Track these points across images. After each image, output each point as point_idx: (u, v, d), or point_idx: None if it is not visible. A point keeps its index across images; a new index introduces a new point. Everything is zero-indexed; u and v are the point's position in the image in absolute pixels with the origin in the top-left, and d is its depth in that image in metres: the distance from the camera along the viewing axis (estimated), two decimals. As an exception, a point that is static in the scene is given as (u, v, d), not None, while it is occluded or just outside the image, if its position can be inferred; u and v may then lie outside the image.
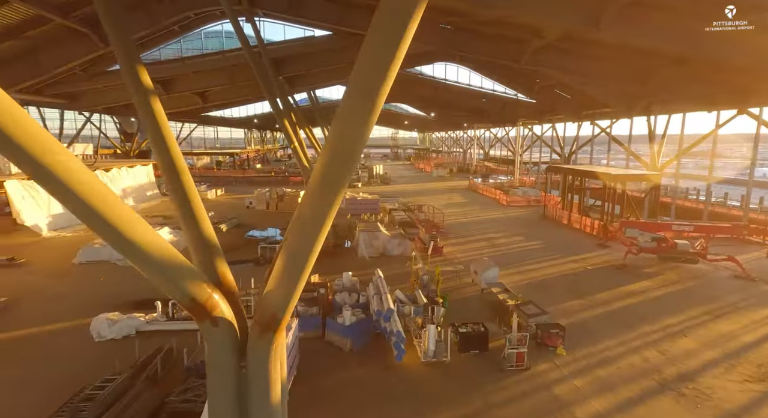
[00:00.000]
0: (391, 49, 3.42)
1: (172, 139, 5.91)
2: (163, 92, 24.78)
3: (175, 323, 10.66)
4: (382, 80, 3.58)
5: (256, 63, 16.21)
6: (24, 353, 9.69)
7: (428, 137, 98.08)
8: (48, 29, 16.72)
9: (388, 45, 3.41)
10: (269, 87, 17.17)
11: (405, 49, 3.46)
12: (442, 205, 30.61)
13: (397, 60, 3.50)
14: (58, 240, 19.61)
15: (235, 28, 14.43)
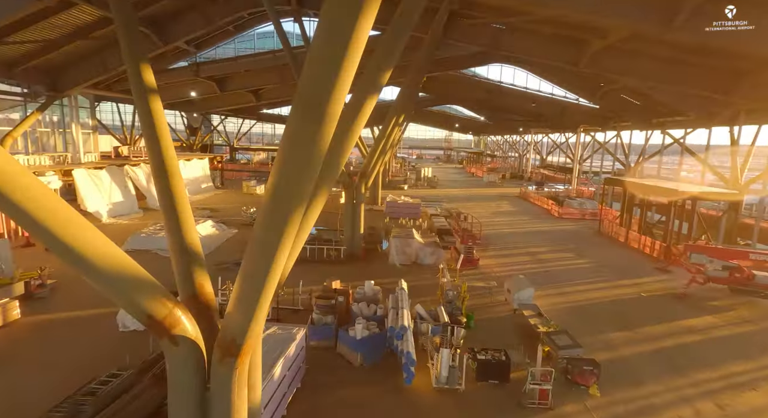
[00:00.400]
0: (336, 61, 2.91)
1: (167, 141, 5.77)
2: (218, 90, 25.88)
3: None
4: (329, 99, 3.08)
5: (298, 63, 16.24)
6: (53, 336, 10.27)
7: (483, 140, 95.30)
8: (112, 30, 17.83)
9: (334, 57, 2.91)
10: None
11: (355, 63, 2.94)
12: (488, 213, 29.35)
13: (346, 75, 2.98)
14: (115, 226, 21.03)
15: (276, 29, 14.50)
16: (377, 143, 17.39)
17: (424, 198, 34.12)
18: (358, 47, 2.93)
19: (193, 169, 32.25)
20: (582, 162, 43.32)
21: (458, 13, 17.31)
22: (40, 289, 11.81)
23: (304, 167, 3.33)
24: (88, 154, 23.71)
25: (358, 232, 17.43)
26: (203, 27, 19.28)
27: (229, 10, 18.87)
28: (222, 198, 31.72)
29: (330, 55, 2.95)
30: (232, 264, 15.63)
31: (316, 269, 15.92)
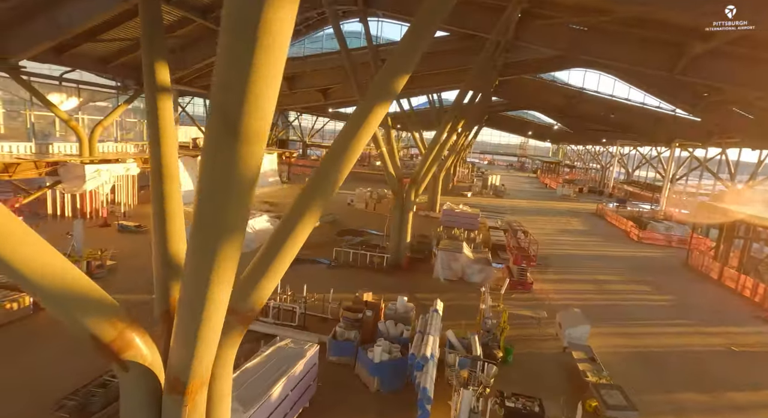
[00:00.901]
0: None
1: (170, 143, 5.52)
2: (287, 89, 26.62)
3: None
4: (244, 117, 2.49)
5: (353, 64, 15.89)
6: None
7: (562, 149, 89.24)
8: (192, 29, 18.95)
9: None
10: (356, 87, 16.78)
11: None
12: (554, 230, 26.98)
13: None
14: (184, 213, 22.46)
15: (335, 29, 14.23)
16: (431, 148, 16.50)
17: (485, 208, 32.42)
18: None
19: (268, 162, 33.72)
20: (675, 180, 38.35)
21: (530, 12, 15.83)
22: (99, 269, 12.70)
23: (227, 190, 2.77)
24: (168, 145, 25.65)
25: (405, 240, 16.71)
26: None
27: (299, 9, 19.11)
28: (285, 193, 32.77)
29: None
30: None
31: (356, 275, 15.50)
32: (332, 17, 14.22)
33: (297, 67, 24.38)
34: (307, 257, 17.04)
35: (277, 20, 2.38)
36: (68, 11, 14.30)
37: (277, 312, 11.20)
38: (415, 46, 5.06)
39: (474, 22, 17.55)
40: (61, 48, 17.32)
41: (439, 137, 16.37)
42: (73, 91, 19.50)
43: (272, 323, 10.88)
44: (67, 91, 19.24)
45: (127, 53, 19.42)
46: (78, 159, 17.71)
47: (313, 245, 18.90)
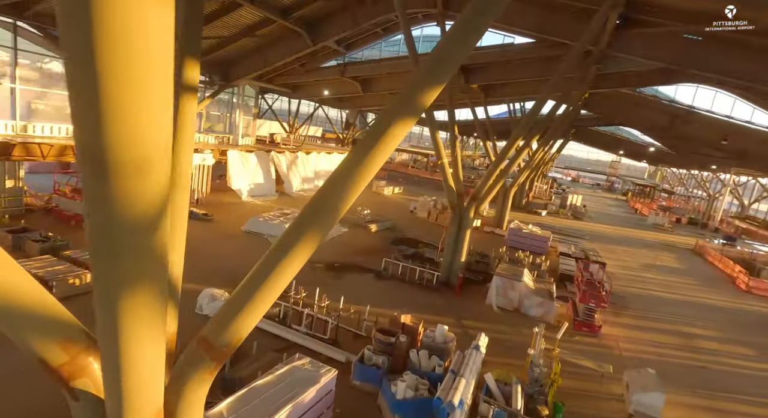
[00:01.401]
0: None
1: (186, 147, 5.19)
2: (361, 91, 26.61)
3: (281, 329, 10.50)
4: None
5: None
6: None
7: (661, 172, 80.00)
8: (273, 29, 19.52)
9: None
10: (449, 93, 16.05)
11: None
12: (638, 265, 23.81)
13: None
14: (250, 205, 23.41)
15: (405, 34, 13.59)
16: (497, 162, 15.15)
17: (560, 231, 29.74)
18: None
19: (332, 162, 34.28)
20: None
21: (630, 18, 13.80)
22: (158, 254, 13.34)
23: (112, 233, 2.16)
24: (246, 138, 26.99)
25: (459, 259, 15.56)
26: (351, 28, 19.68)
27: (375, 12, 18.82)
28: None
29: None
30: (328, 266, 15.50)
31: (402, 290, 14.70)
32: (404, 23, 13.58)
33: (371, 69, 24.23)
34: (357, 263, 16.65)
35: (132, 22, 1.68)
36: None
37: (310, 322, 10.82)
38: (453, 53, 4.17)
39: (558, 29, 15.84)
40: (158, 44, 18.78)
41: (508, 150, 14.98)
42: (166, 84, 21.24)
43: (304, 332, 10.51)
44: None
45: (214, 50, 20.61)
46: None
47: (366, 251, 18.52)
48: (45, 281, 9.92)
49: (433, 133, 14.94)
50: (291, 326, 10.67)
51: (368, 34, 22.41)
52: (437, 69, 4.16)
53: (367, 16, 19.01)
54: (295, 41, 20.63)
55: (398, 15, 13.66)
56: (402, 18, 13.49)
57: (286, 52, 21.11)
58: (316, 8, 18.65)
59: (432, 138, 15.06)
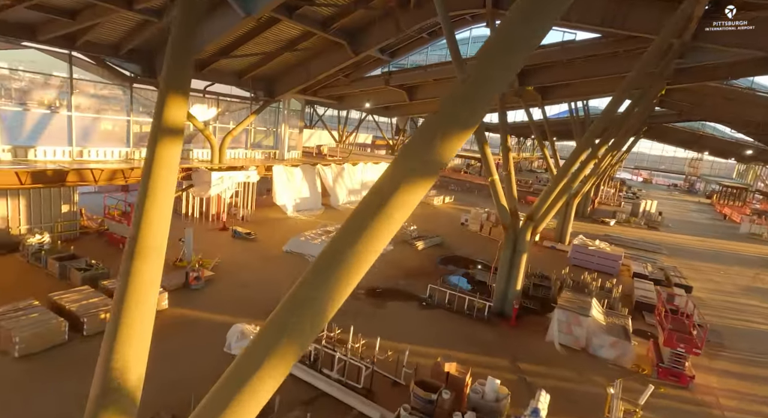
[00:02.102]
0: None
1: (168, 162, 4.26)
2: (407, 99, 25.44)
3: (311, 374, 9.53)
4: None
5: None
6: (171, 340, 10.33)
7: (754, 170, 70.53)
8: (314, 41, 18.96)
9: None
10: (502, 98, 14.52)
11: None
12: (733, 288, 20.35)
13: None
14: (295, 221, 23.07)
15: (448, 39, 12.25)
16: (561, 175, 13.24)
17: (632, 244, 26.52)
18: None
19: (379, 172, 33.44)
20: None
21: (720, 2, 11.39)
22: (197, 281, 13.07)
23: None
24: (293, 151, 26.85)
25: (514, 287, 13.83)
26: (394, 35, 18.60)
27: (418, 17, 17.59)
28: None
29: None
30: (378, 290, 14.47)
31: (449, 322, 13.23)
32: (446, 26, 12.24)
33: (417, 77, 22.97)
34: (400, 288, 15.45)
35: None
36: (200, 33, 15.24)
37: (342, 367, 9.78)
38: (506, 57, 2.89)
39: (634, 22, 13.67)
40: (202, 65, 18.94)
41: (571, 164, 13.04)
42: (213, 102, 21.46)
43: (336, 379, 9.49)
44: (208, 102, 21.25)
45: (257, 67, 20.49)
46: (208, 165, 19.25)
47: (411, 272, 17.28)
48: (77, 316, 9.78)
49: (481, 146, 13.38)
50: (322, 371, 9.70)
51: (413, 41, 21.20)
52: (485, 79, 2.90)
53: (410, 22, 17.84)
54: (337, 53, 19.95)
55: (440, 18, 12.34)
56: (444, 21, 12.16)
57: (328, 64, 20.50)
58: (356, 17, 17.80)
59: (481, 153, 13.52)
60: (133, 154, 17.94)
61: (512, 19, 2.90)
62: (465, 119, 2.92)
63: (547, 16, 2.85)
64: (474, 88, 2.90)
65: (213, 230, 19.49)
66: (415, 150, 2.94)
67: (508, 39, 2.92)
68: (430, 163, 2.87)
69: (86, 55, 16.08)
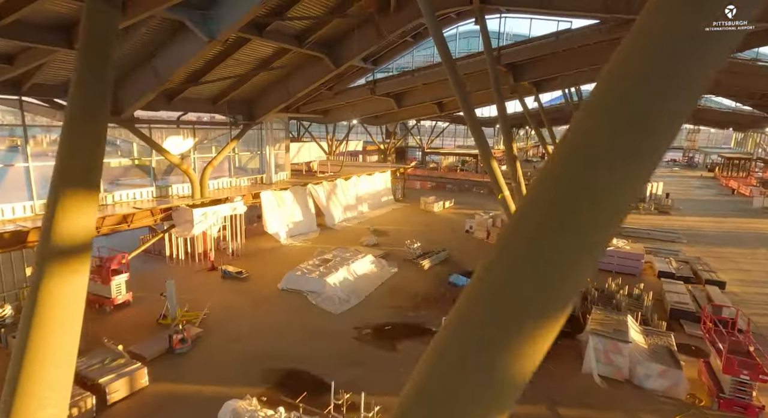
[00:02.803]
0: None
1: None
2: (396, 106, 23.97)
3: None
4: None
5: (459, 81, 12.17)
6: None
7: (753, 138, 69.27)
8: (291, 58, 17.49)
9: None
10: (498, 91, 13.13)
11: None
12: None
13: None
14: (290, 249, 21.54)
15: (436, 41, 10.81)
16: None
17: (646, 234, 25.12)
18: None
19: (375, 183, 31.96)
20: None
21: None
22: (181, 344, 11.55)
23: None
24: (281, 173, 25.34)
25: (539, 312, 12.34)
26: (376, 42, 17.13)
27: (400, 21, 16.14)
28: (396, 216, 30.28)
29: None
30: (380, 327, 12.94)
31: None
32: (433, 28, 10.81)
33: (404, 83, 21.49)
34: (411, 321, 13.98)
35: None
36: (163, 61, 13.76)
37: (355, 445, 8.29)
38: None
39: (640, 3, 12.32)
40: (171, 94, 17.44)
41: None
42: (189, 132, 19.93)
43: (349, 461, 8.00)
44: (183, 132, 19.71)
45: (232, 90, 18.99)
46: (189, 201, 17.73)
47: (420, 299, 15.83)
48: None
49: (487, 160, 11.91)
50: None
51: (396, 45, 19.77)
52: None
53: (392, 27, 16.38)
54: (316, 67, 18.49)
55: (426, 19, 10.89)
56: (430, 22, 10.72)
57: (308, 79, 19.02)
58: (334, 28, 16.35)
59: (488, 169, 12.05)
60: (104, 200, 16.42)
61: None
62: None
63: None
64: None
65: (201, 271, 17.97)
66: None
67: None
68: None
69: (37, 99, 14.55)
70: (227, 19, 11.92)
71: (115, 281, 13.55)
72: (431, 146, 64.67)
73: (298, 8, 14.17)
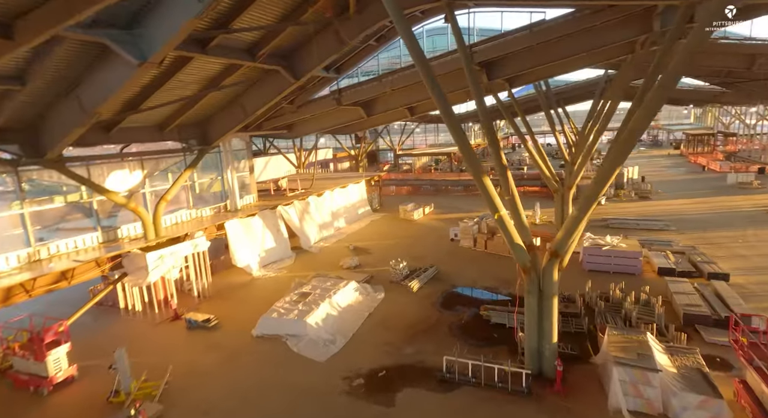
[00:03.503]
0: None
1: None
2: (365, 115, 22.32)
3: None
4: None
5: (434, 83, 10.65)
6: None
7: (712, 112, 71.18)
8: (244, 73, 15.60)
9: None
10: (478, 92, 11.66)
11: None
12: (767, 261, 18.17)
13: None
14: (264, 282, 19.55)
15: (407, 40, 9.27)
16: (581, 212, 10.44)
17: (637, 226, 24.44)
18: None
19: (349, 196, 30.21)
20: None
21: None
22: (134, 431, 9.53)
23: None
24: (246, 197, 23.27)
25: (549, 340, 11.01)
26: (337, 50, 15.44)
27: (362, 24, 14.53)
28: (376, 229, 28.64)
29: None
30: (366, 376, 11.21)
31: (480, 410, 10.15)
32: (402, 29, 9.25)
33: (372, 90, 19.87)
34: (408, 362, 12.36)
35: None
36: (89, 91, 11.64)
37: None
38: None
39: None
40: (107, 126, 15.24)
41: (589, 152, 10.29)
42: (136, 164, 17.65)
43: None
44: (129, 165, 17.44)
45: (180, 114, 16.90)
46: (143, 243, 15.55)
47: (415, 329, 14.29)
48: None
49: (479, 177, 10.41)
50: None
51: (360, 50, 18.14)
52: None
53: (353, 32, 14.75)
54: (274, 81, 16.66)
55: (393, 20, 9.31)
56: (399, 22, 9.15)
57: (266, 95, 17.14)
58: (289, 37, 14.55)
59: (480, 187, 10.56)
60: (38, 254, 14.06)
61: None
62: None
63: None
64: None
65: (162, 322, 15.79)
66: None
67: None
68: None
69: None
70: (159, 38, 9.99)
71: (51, 355, 11.31)
72: (403, 147, 63.35)
73: (245, 18, 12.32)
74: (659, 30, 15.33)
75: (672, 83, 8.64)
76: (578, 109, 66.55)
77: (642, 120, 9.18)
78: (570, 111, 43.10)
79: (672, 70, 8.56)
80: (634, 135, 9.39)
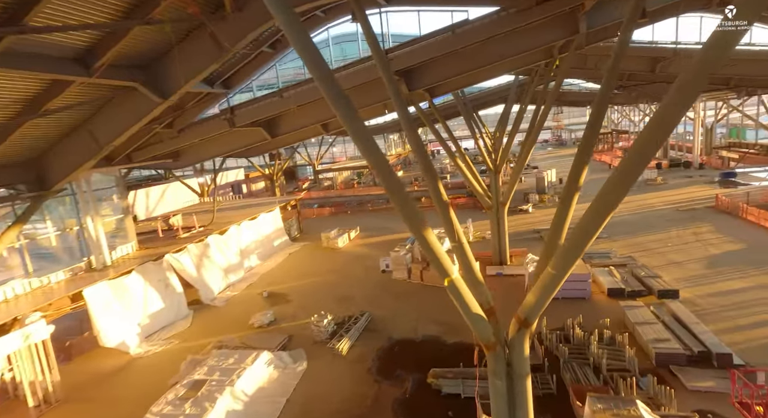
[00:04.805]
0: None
1: None
2: (269, 136, 18.54)
3: None
4: None
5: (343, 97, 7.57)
6: None
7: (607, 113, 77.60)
8: (82, 92, 11.16)
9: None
10: (399, 102, 8.78)
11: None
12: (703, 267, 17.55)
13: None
14: (145, 364, 14.82)
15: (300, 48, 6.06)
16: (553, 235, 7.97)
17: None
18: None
19: (261, 227, 25.97)
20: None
21: None
22: None
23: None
24: (121, 247, 18.19)
25: (526, 431, 8.36)
26: (217, 58, 11.59)
27: (246, 26, 10.92)
28: (295, 263, 24.78)
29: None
30: None
31: None
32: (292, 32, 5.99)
33: (270, 107, 16.20)
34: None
35: None
36: None
37: None
38: None
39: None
40: None
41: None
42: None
43: None
44: None
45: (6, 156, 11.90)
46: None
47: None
48: None
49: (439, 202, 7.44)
50: None
51: (252, 58, 14.51)
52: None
53: (235, 35, 11.02)
54: (132, 101, 12.31)
55: (279, 20, 6.01)
56: (288, 25, 5.90)
57: (123, 121, 12.70)
58: (142, 42, 10.45)
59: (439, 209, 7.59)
60: None
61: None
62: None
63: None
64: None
65: None
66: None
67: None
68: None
69: None
70: None
71: None
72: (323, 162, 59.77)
73: (48, 10, 8.14)
74: (584, 32, 14.12)
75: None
76: (488, 113, 68.40)
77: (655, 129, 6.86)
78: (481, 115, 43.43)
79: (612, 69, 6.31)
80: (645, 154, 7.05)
